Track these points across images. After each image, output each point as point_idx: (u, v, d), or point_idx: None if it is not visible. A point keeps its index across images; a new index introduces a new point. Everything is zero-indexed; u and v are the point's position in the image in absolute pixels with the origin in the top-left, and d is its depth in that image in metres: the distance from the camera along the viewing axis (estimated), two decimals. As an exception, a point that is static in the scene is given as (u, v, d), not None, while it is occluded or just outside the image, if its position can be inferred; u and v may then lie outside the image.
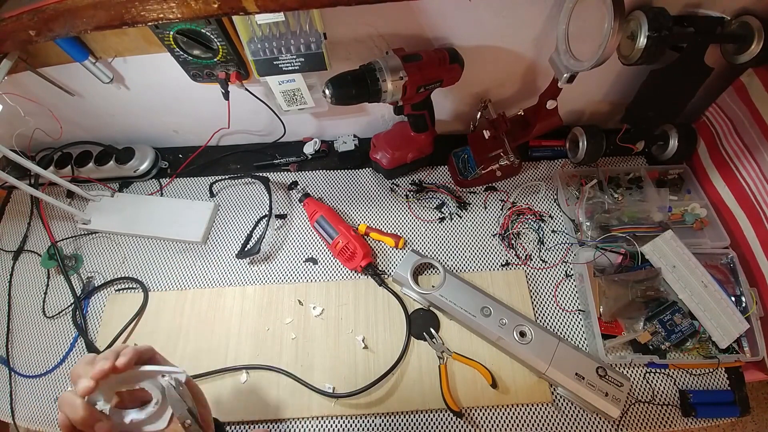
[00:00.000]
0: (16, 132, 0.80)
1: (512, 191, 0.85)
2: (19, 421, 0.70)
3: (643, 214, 0.75)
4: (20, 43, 0.49)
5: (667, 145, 0.81)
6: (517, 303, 0.72)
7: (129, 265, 0.81)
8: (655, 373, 0.68)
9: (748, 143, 0.71)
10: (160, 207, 0.85)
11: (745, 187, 0.72)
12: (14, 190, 0.91)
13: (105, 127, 0.88)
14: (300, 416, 0.66)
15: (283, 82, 0.70)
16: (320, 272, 0.78)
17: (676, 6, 0.64)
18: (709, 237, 0.75)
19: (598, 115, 0.89)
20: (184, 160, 0.91)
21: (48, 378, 0.72)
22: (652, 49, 0.62)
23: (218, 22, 0.60)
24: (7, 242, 0.85)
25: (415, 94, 0.65)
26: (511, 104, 0.84)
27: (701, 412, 0.64)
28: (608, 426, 0.64)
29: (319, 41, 0.62)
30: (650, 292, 0.68)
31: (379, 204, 0.85)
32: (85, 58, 0.68)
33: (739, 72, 0.72)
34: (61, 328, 0.76)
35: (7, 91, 0.72)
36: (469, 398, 0.66)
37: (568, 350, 0.65)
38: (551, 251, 0.78)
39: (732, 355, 0.66)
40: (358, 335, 0.71)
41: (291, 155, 0.91)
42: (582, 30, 0.59)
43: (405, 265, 0.73)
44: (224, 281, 0.78)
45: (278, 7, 0.45)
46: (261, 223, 0.82)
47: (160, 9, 0.44)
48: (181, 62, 0.67)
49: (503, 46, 0.70)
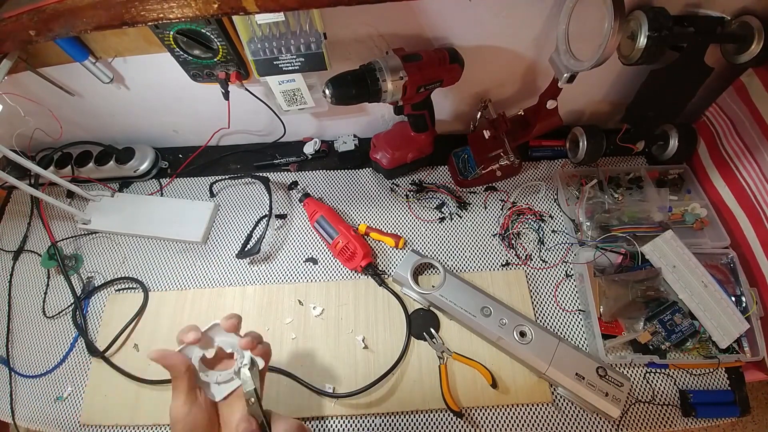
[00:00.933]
0: (16, 132, 0.80)
1: (512, 191, 0.85)
2: (19, 421, 0.70)
3: (644, 214, 0.75)
4: (20, 43, 0.49)
5: (667, 145, 0.81)
6: (517, 303, 0.72)
7: (129, 265, 0.81)
8: (655, 373, 0.68)
9: (749, 143, 0.71)
10: (160, 207, 0.85)
11: (746, 187, 0.72)
12: (14, 190, 0.91)
13: (105, 127, 0.88)
14: (300, 416, 0.66)
15: (283, 82, 0.70)
16: (320, 272, 0.78)
17: (676, 6, 0.64)
18: (709, 237, 0.75)
19: (598, 115, 0.89)
20: (184, 160, 0.91)
21: (48, 378, 0.72)
22: (653, 49, 0.62)
23: (218, 22, 0.60)
24: (7, 242, 0.85)
25: (415, 94, 0.65)
26: (511, 104, 0.84)
27: (701, 412, 0.64)
28: (608, 426, 0.64)
29: (319, 41, 0.62)
30: (650, 292, 0.68)
31: (379, 204, 0.85)
32: (85, 58, 0.68)
33: (740, 72, 0.72)
34: (61, 328, 0.75)
35: (7, 91, 0.72)
36: (469, 398, 0.66)
37: (568, 350, 0.65)
38: (551, 251, 0.78)
39: (732, 355, 0.66)
40: (358, 335, 0.71)
41: (291, 155, 0.91)
42: (582, 30, 0.59)
43: (405, 265, 0.73)
44: (224, 281, 0.78)
45: (278, 7, 0.45)
46: (261, 223, 0.82)
47: (160, 9, 0.44)
48: (181, 62, 0.67)
49: (503, 46, 0.70)
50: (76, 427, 0.68)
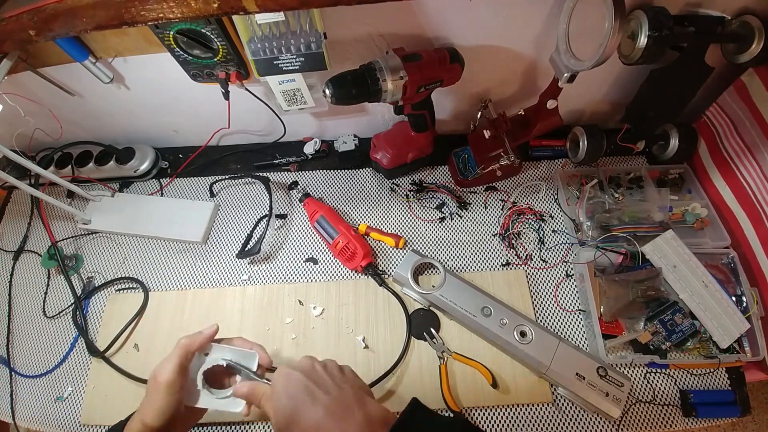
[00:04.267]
0: (16, 132, 0.80)
1: (513, 191, 0.85)
2: (19, 421, 0.70)
3: (644, 213, 0.75)
4: (20, 43, 0.49)
5: (667, 144, 0.81)
6: (517, 303, 0.72)
7: (129, 265, 0.81)
8: (655, 373, 0.68)
9: (749, 143, 0.71)
10: (161, 207, 0.85)
11: (746, 186, 0.72)
12: (14, 190, 0.91)
13: (105, 127, 0.88)
14: (300, 416, 0.66)
15: (283, 81, 0.70)
16: (320, 272, 0.78)
17: (677, 5, 0.64)
18: (709, 237, 0.75)
19: (598, 115, 0.89)
20: (185, 160, 0.91)
21: (48, 378, 0.72)
22: (653, 48, 0.62)
23: (218, 22, 0.60)
24: (8, 242, 0.85)
25: (416, 93, 0.65)
26: (512, 104, 0.84)
27: (702, 412, 0.64)
28: (609, 426, 0.64)
29: (319, 41, 0.62)
30: (651, 292, 0.68)
31: (380, 204, 0.85)
32: (85, 58, 0.68)
33: (740, 71, 0.72)
34: (61, 328, 0.75)
35: (7, 91, 0.72)
36: (469, 398, 0.66)
37: (568, 350, 0.65)
38: (552, 251, 0.78)
39: (733, 355, 0.66)
40: (358, 335, 0.71)
41: (291, 155, 0.91)
42: (582, 29, 0.59)
43: (405, 265, 0.73)
44: (224, 281, 0.78)
45: (278, 7, 0.45)
46: (261, 223, 0.82)
47: (160, 9, 0.44)
48: (181, 62, 0.67)
49: (504, 46, 0.70)
50: (76, 427, 0.68)
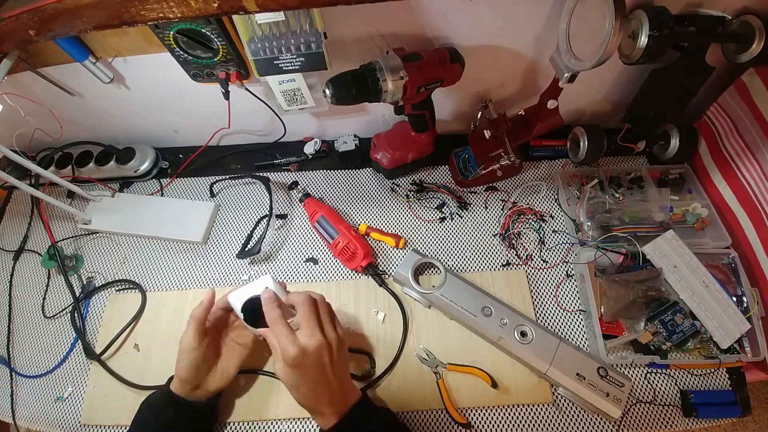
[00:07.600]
0: (16, 132, 0.80)
1: (513, 191, 0.85)
2: (19, 421, 0.70)
3: (644, 213, 0.75)
4: (20, 42, 0.49)
5: (668, 144, 0.81)
6: (517, 303, 0.72)
7: (129, 266, 0.81)
8: (656, 374, 0.68)
9: (750, 143, 0.71)
10: (161, 207, 0.85)
11: (747, 186, 0.72)
12: (15, 190, 0.92)
13: (105, 127, 0.88)
14: (300, 416, 0.66)
15: (284, 81, 0.70)
16: (321, 272, 0.78)
17: (678, 5, 0.64)
18: (710, 237, 0.75)
19: (599, 115, 0.88)
20: (185, 160, 0.91)
21: (48, 378, 0.72)
22: (654, 48, 0.62)
23: (218, 22, 0.60)
24: (8, 242, 0.85)
25: (416, 93, 0.65)
26: (512, 104, 0.84)
27: (702, 413, 0.64)
28: (609, 426, 0.64)
29: (320, 41, 0.62)
30: (651, 292, 0.68)
31: (380, 204, 0.85)
32: (86, 58, 0.68)
33: (741, 71, 0.72)
34: (62, 328, 0.75)
35: (7, 91, 0.72)
36: (469, 399, 0.66)
37: (569, 350, 0.65)
38: (552, 251, 0.78)
39: (733, 355, 0.66)
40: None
41: (291, 155, 0.91)
42: (583, 29, 0.59)
43: (406, 264, 0.73)
44: (224, 281, 0.78)
45: (278, 7, 0.45)
46: (261, 223, 0.82)
47: (160, 8, 0.44)
48: (182, 62, 0.67)
49: (504, 46, 0.70)
50: (77, 427, 0.68)
